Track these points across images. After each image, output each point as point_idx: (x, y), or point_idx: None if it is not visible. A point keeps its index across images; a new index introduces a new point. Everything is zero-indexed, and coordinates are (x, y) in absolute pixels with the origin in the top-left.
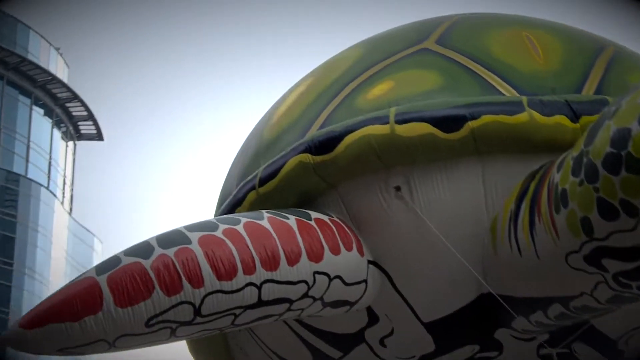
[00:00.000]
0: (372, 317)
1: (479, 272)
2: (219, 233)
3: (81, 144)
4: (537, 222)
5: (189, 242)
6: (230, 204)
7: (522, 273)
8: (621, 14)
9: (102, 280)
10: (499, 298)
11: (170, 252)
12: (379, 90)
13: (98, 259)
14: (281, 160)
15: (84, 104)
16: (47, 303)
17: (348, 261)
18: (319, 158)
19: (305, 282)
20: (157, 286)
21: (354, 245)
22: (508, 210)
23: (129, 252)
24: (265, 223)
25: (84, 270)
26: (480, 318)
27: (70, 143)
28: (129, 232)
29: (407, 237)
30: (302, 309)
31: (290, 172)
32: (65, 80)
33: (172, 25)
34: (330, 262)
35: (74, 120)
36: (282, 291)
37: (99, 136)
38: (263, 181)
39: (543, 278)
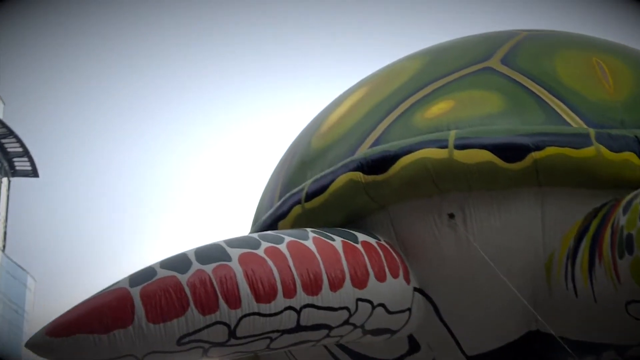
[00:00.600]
0: (414, 345)
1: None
2: (260, 251)
3: (16, 180)
4: (597, 264)
5: (229, 259)
6: (273, 217)
7: (577, 315)
8: (621, 14)
9: (135, 292)
10: (557, 337)
11: (209, 268)
12: (438, 109)
13: (31, 297)
14: (331, 175)
15: (19, 140)
16: (76, 311)
17: (393, 289)
18: (371, 178)
19: (347, 308)
20: (192, 303)
21: (401, 272)
22: (566, 248)
23: (166, 264)
24: (309, 244)
25: (16, 308)
26: (526, 356)
27: (5, 179)
28: (65, 270)
29: (457, 266)
30: (341, 336)
31: (340, 190)
32: (0, 116)
33: (110, 60)
34: (374, 289)
35: (9, 156)
36: (322, 317)
37: (34, 173)
38: (310, 196)
39: (599, 323)
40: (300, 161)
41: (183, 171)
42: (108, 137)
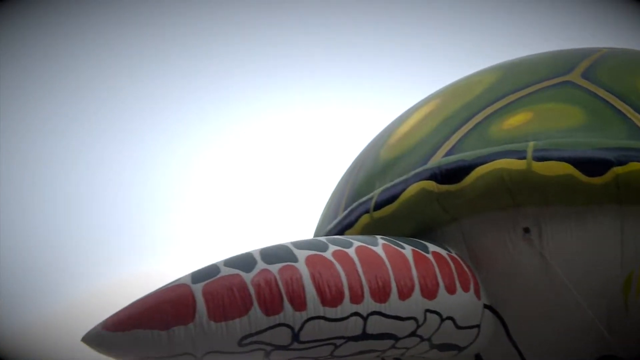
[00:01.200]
0: None
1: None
2: (328, 254)
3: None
4: None
5: (295, 260)
6: (340, 226)
7: None
8: (621, 14)
9: (197, 289)
10: None
11: (274, 268)
12: (516, 120)
13: None
14: (402, 185)
15: None
16: (135, 307)
17: (463, 302)
18: (444, 187)
19: (415, 319)
20: (255, 303)
21: (472, 286)
22: None
23: (230, 262)
24: (379, 250)
25: None
26: None
27: None
28: (62, 268)
29: (529, 283)
30: (407, 348)
31: (411, 199)
32: None
33: (110, 59)
34: (444, 301)
35: None
36: (389, 326)
37: None
38: (379, 205)
39: None
40: (368, 173)
41: (186, 171)
42: (107, 136)
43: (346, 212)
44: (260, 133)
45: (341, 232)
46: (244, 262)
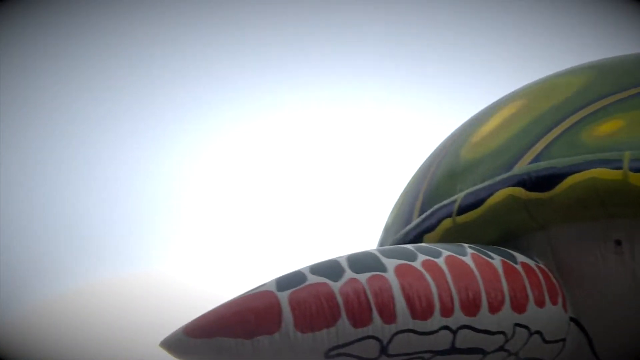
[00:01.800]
0: None
1: None
2: (417, 264)
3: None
4: None
5: (384, 269)
6: (419, 229)
7: None
8: (621, 14)
9: (284, 297)
10: None
11: (363, 277)
12: (609, 127)
13: None
14: (487, 189)
15: None
16: (217, 313)
17: (551, 316)
18: (533, 195)
19: (504, 333)
20: (344, 314)
21: (559, 299)
22: None
23: (316, 270)
24: (468, 260)
25: None
26: None
27: None
28: (57, 266)
29: (617, 297)
30: None
31: (498, 205)
32: None
33: (109, 57)
34: (533, 314)
35: None
36: (478, 340)
37: None
38: (463, 209)
39: None
40: (448, 172)
41: (187, 170)
42: (107, 134)
43: (426, 214)
44: (262, 132)
45: (420, 236)
46: (332, 270)
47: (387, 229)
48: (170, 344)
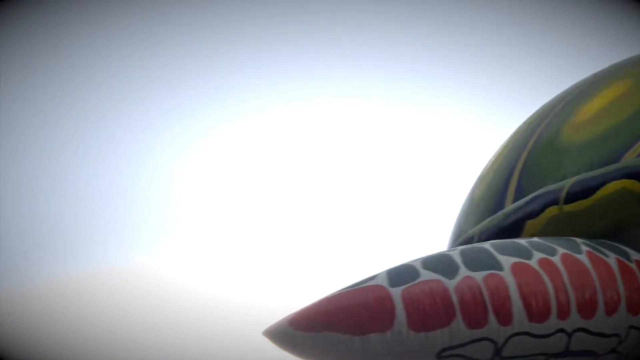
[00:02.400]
0: None
1: None
2: (534, 263)
3: None
4: None
5: (500, 268)
6: (521, 213)
7: None
8: (621, 14)
9: (397, 294)
10: None
11: (479, 276)
12: None
13: None
14: (598, 179)
15: None
16: (326, 305)
17: None
18: None
19: (618, 335)
20: (459, 314)
21: None
22: None
23: (429, 265)
24: (584, 258)
25: None
26: None
27: None
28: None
29: None
30: None
31: (609, 197)
32: None
33: (107, 55)
34: None
35: None
36: (592, 343)
37: None
38: (571, 198)
39: None
40: (549, 151)
41: (183, 165)
42: (104, 128)
43: (529, 198)
44: (258, 128)
45: (522, 221)
46: (445, 266)
47: (476, 203)
48: (274, 334)
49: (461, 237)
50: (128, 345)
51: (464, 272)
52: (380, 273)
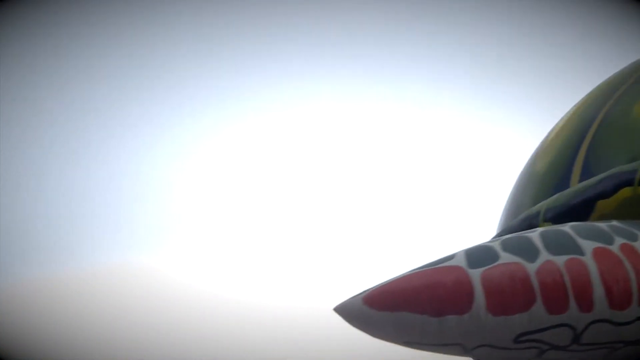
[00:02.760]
0: None
1: None
2: (615, 248)
3: None
4: None
5: (581, 252)
6: (592, 191)
7: None
8: (621, 14)
9: (476, 276)
10: None
11: (560, 260)
12: None
13: None
14: None
15: None
16: (402, 284)
17: None
18: None
19: None
20: (539, 299)
21: None
22: None
23: (509, 247)
24: None
25: None
26: None
27: None
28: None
29: None
30: None
31: None
32: None
33: (106, 54)
34: None
35: None
36: None
37: None
38: None
39: None
40: (619, 127)
41: (181, 165)
42: (103, 127)
43: (601, 176)
44: (257, 128)
45: (593, 200)
46: (526, 249)
47: (537, 177)
48: (347, 311)
49: (523, 213)
50: (125, 344)
51: (544, 256)
52: (457, 253)
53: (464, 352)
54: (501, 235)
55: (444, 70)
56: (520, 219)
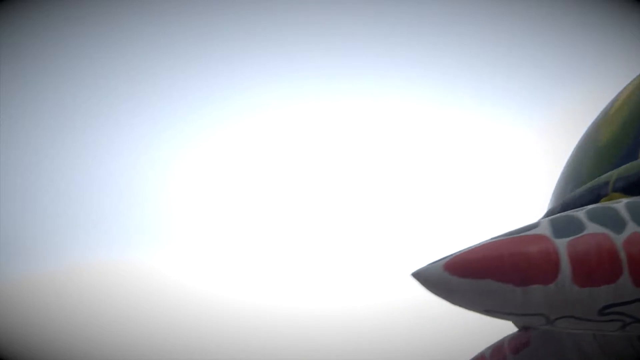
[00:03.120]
0: None
1: None
2: None
3: None
4: None
5: None
6: None
7: None
8: (621, 14)
9: (562, 246)
10: None
11: None
12: None
13: None
14: None
15: None
16: (485, 251)
17: None
18: None
19: None
20: (626, 271)
21: None
22: None
23: (595, 217)
24: None
25: None
26: None
27: None
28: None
29: None
30: None
31: None
32: None
33: (105, 53)
34: None
35: None
36: None
37: None
38: None
39: None
40: None
41: (179, 166)
42: (103, 129)
43: None
44: (257, 128)
45: None
46: (612, 219)
47: (602, 148)
48: (426, 277)
49: (589, 183)
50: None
51: (632, 227)
52: (542, 221)
53: (545, 323)
54: (561, 206)
55: (444, 70)
56: (586, 188)
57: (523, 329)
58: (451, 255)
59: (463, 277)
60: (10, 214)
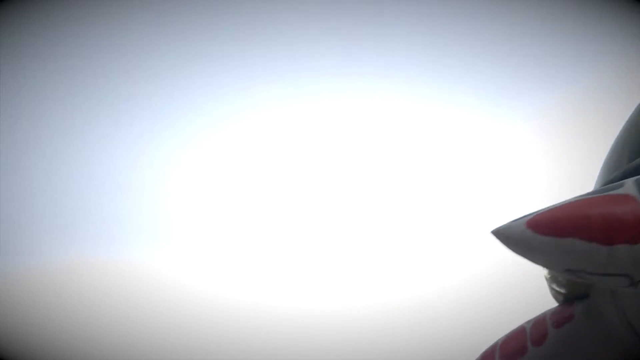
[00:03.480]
0: None
1: None
2: None
3: None
4: None
5: None
6: None
7: None
8: (621, 14)
9: None
10: None
11: None
12: None
13: None
14: None
15: None
16: (573, 210)
17: None
18: None
19: None
20: None
21: None
22: None
23: None
24: None
25: None
26: None
27: None
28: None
29: None
30: None
31: None
32: None
33: (104, 52)
34: None
35: None
36: None
37: None
38: None
39: None
40: None
41: (179, 166)
42: (102, 129)
43: None
44: (256, 128)
45: None
46: None
47: (629, 132)
48: (507, 235)
49: None
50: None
51: None
52: (626, 181)
53: (628, 284)
54: (622, 174)
55: (444, 70)
56: None
57: (565, 303)
58: (534, 213)
59: (546, 235)
60: (11, 211)
